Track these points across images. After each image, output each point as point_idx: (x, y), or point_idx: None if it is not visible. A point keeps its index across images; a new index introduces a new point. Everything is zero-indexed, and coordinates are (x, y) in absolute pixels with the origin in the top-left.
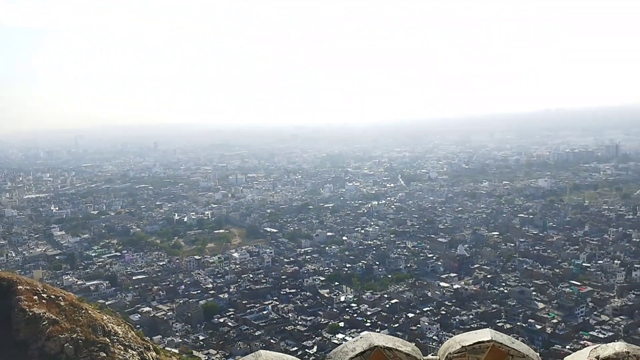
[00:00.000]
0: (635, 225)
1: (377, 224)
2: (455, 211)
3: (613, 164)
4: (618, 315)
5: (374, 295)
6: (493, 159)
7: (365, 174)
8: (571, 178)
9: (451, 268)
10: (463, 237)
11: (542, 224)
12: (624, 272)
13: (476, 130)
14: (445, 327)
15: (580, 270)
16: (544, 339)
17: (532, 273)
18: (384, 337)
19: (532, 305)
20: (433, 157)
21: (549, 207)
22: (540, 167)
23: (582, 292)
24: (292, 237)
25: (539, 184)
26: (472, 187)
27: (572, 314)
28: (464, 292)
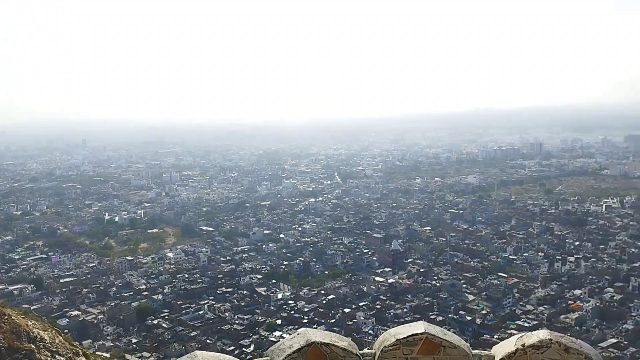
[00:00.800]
0: (557, 219)
1: (314, 221)
2: (390, 207)
3: (537, 161)
4: (542, 304)
5: (311, 292)
6: (425, 157)
7: (302, 172)
8: (499, 174)
9: (386, 263)
10: (397, 232)
11: (472, 219)
12: (547, 263)
13: (410, 128)
14: (380, 321)
15: (507, 262)
16: (474, 329)
17: (463, 266)
18: (320, 333)
19: (463, 297)
20: (369, 154)
21: (478, 202)
22: (470, 164)
23: (509, 284)
24: (229, 235)
25: (468, 180)
26: (406, 184)
27: (500, 304)
28: (398, 286)
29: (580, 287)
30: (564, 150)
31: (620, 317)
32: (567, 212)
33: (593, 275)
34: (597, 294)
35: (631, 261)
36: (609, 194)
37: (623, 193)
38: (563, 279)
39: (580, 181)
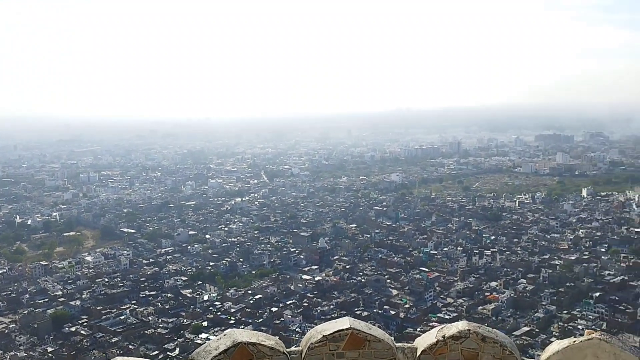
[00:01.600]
0: (474, 215)
1: (241, 220)
2: (317, 206)
3: (455, 159)
4: (461, 297)
5: (237, 292)
6: (351, 155)
7: (229, 171)
8: (420, 172)
9: (313, 261)
10: (324, 230)
11: (395, 216)
12: (465, 257)
13: (334, 127)
14: (307, 318)
15: (428, 257)
16: (398, 323)
17: (387, 262)
18: (247, 332)
19: (387, 292)
20: (295, 153)
21: (400, 199)
22: (393, 163)
23: (430, 278)
24: (152, 237)
25: (391, 178)
26: (332, 182)
27: (422, 298)
28: (325, 284)
29: (496, 279)
30: (480, 149)
31: (532, 306)
32: (483, 208)
33: (508, 268)
34: (512, 285)
35: (542, 253)
36: (522, 190)
37: (534, 189)
38: (480, 271)
39: (495, 178)
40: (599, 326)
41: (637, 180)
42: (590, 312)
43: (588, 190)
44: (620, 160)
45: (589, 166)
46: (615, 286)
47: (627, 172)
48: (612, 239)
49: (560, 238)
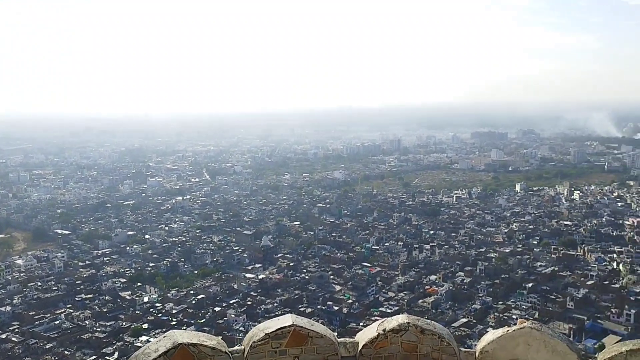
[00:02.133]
0: (414, 210)
1: (182, 219)
2: (260, 204)
3: (396, 156)
4: (402, 290)
5: (179, 293)
6: (294, 153)
7: (169, 169)
8: (362, 169)
9: (256, 259)
10: (267, 228)
11: (338, 212)
12: (406, 252)
13: (277, 125)
14: (251, 317)
15: (370, 252)
16: (341, 318)
17: (330, 258)
18: (188, 333)
19: (330, 288)
20: (238, 151)
21: (343, 196)
22: (336, 160)
23: (372, 273)
24: (88, 238)
25: (334, 175)
26: (275, 180)
27: (365, 293)
28: (268, 282)
29: (435, 272)
30: (419, 146)
31: (470, 298)
32: (423, 203)
33: (446, 261)
34: (450, 278)
35: (478, 247)
36: (459, 186)
37: (470, 185)
38: (420, 265)
39: (434, 174)
40: (531, 315)
41: (566, 175)
42: (523, 302)
43: (521, 185)
44: (550, 157)
45: (521, 162)
46: (547, 277)
47: (557, 167)
48: (543, 232)
49: (495, 232)
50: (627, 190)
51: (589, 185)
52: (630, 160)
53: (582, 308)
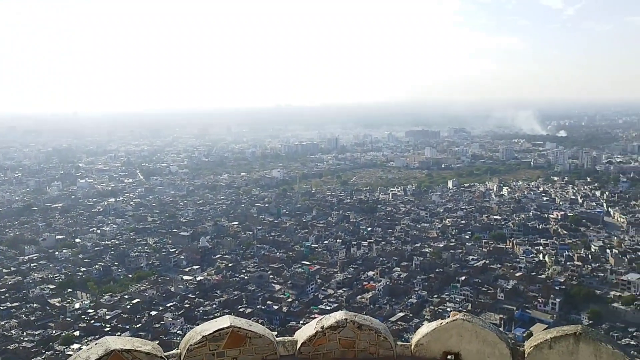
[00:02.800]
0: (352, 208)
1: (115, 222)
2: (197, 204)
3: (334, 155)
4: (341, 287)
5: (113, 298)
6: (231, 152)
7: (100, 170)
8: (300, 168)
9: (194, 260)
10: (205, 229)
11: (277, 212)
12: (344, 249)
13: (214, 124)
14: (189, 319)
15: (309, 251)
16: (281, 317)
17: (269, 258)
18: (122, 339)
19: (270, 287)
20: (173, 150)
21: (282, 195)
22: (274, 159)
23: (311, 271)
24: (13, 243)
25: (273, 174)
26: (213, 180)
27: (304, 291)
28: (207, 283)
29: (373, 268)
30: (356, 145)
31: (406, 292)
32: (360, 201)
33: (383, 257)
34: (387, 273)
35: (413, 242)
36: (395, 183)
37: (406, 182)
38: (358, 262)
39: (370, 172)
40: (464, 307)
41: (495, 171)
42: (457, 295)
43: (453, 182)
44: (480, 154)
45: (453, 159)
46: (478, 270)
47: (487, 164)
48: (474, 226)
49: (430, 227)
50: (552, 186)
51: (517, 181)
52: (554, 157)
53: (512, 299)
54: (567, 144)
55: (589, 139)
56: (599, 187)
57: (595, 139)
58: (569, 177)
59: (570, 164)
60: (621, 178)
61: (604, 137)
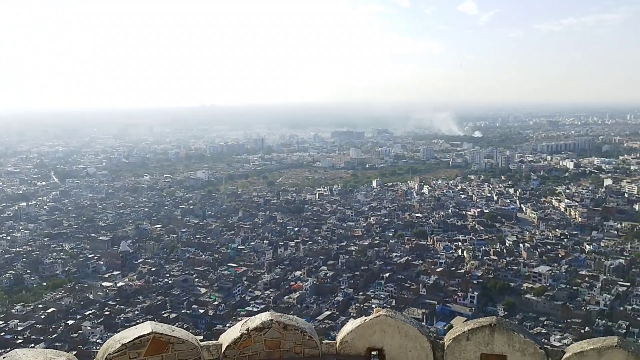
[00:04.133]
0: (279, 208)
1: (27, 227)
2: (117, 207)
3: (260, 155)
4: (268, 288)
5: (25, 308)
6: (153, 153)
7: (10, 172)
8: (226, 169)
9: (114, 266)
10: (126, 233)
11: (202, 213)
12: (271, 250)
13: (134, 123)
14: (110, 327)
15: (236, 252)
16: (207, 321)
17: (195, 261)
18: (33, 351)
19: (195, 291)
20: (90, 151)
21: (207, 197)
22: (199, 160)
23: (238, 273)
24: None
25: (197, 175)
26: (134, 182)
27: (231, 293)
28: (128, 289)
29: (300, 268)
30: (283, 145)
31: (333, 291)
32: (287, 201)
33: (310, 257)
34: (314, 273)
35: (340, 241)
36: (321, 183)
37: (332, 182)
38: (285, 262)
39: (297, 173)
40: (389, 303)
41: (416, 171)
42: (381, 292)
43: (377, 181)
44: (402, 154)
45: (377, 160)
46: (401, 266)
47: (409, 164)
48: (397, 224)
49: (355, 226)
50: (469, 184)
51: (437, 179)
52: (470, 157)
53: (433, 293)
54: (482, 144)
55: (502, 140)
56: (512, 185)
57: (508, 139)
58: (484, 176)
59: (485, 163)
60: (532, 176)
61: (516, 138)
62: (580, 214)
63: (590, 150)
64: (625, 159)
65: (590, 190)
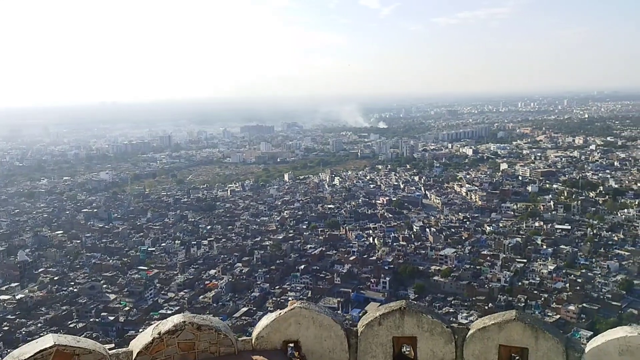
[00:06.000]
0: (190, 207)
1: None
2: (12, 214)
3: (167, 153)
4: (182, 289)
5: None
6: (50, 155)
7: None
8: (131, 169)
9: (12, 277)
10: (23, 241)
11: (108, 216)
12: (184, 250)
13: (27, 124)
14: (9, 343)
15: (146, 255)
16: (119, 328)
17: (102, 266)
18: None
19: (104, 298)
20: None
21: (112, 198)
22: (101, 160)
23: (149, 276)
24: None
25: (101, 177)
26: (30, 186)
27: (143, 298)
28: (29, 301)
29: (215, 266)
30: (191, 142)
31: (249, 287)
32: (198, 199)
33: (225, 254)
34: (229, 270)
35: (254, 237)
36: (232, 179)
37: (243, 178)
38: (199, 262)
39: (207, 170)
40: (305, 295)
41: (327, 163)
42: (298, 284)
43: (289, 175)
44: (313, 147)
45: (288, 153)
46: (316, 257)
47: (319, 156)
48: (311, 216)
49: (269, 220)
50: (377, 174)
51: (347, 170)
52: (378, 147)
53: (347, 281)
54: (388, 135)
55: (406, 130)
56: (417, 173)
57: (412, 129)
58: (391, 165)
59: (392, 153)
60: (435, 164)
61: (419, 127)
62: (480, 198)
63: (486, 137)
64: (518, 144)
65: (488, 174)
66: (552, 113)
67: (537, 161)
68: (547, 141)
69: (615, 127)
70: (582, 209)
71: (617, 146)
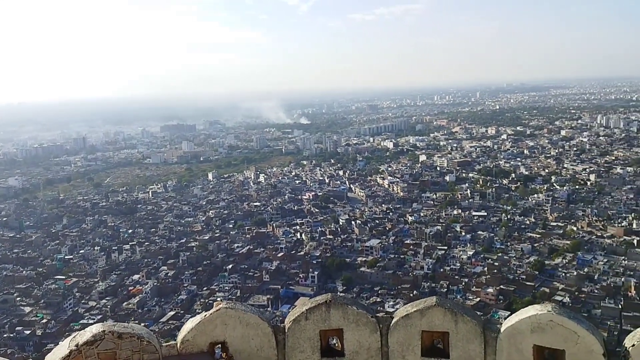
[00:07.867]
0: (109, 211)
1: None
2: None
3: (82, 156)
4: (104, 297)
5: None
6: None
7: None
8: (43, 173)
9: None
10: None
11: (19, 225)
12: (104, 256)
13: None
14: None
15: (63, 264)
16: (36, 342)
17: (14, 278)
18: None
19: (18, 311)
20: None
21: (23, 206)
22: (9, 165)
23: (67, 285)
24: None
25: (9, 183)
26: None
27: (61, 308)
28: None
29: (138, 271)
30: (107, 143)
31: (175, 290)
32: (117, 202)
33: (148, 258)
34: (154, 274)
35: (179, 238)
36: (154, 180)
37: (165, 178)
38: (121, 267)
39: (126, 171)
40: (234, 295)
41: (251, 160)
42: (226, 284)
43: (213, 174)
44: (236, 145)
45: (211, 152)
46: (244, 256)
47: (243, 154)
48: (237, 215)
49: (194, 221)
50: (302, 169)
51: (272, 167)
52: (302, 143)
53: (276, 278)
54: (311, 130)
55: (329, 125)
56: (342, 167)
57: (334, 124)
58: (316, 160)
59: (316, 148)
60: (358, 158)
61: (342, 122)
62: (401, 189)
63: (406, 130)
64: (435, 136)
65: (408, 166)
66: (466, 105)
67: (453, 152)
68: (462, 132)
69: (524, 117)
70: (497, 195)
71: (526, 135)
